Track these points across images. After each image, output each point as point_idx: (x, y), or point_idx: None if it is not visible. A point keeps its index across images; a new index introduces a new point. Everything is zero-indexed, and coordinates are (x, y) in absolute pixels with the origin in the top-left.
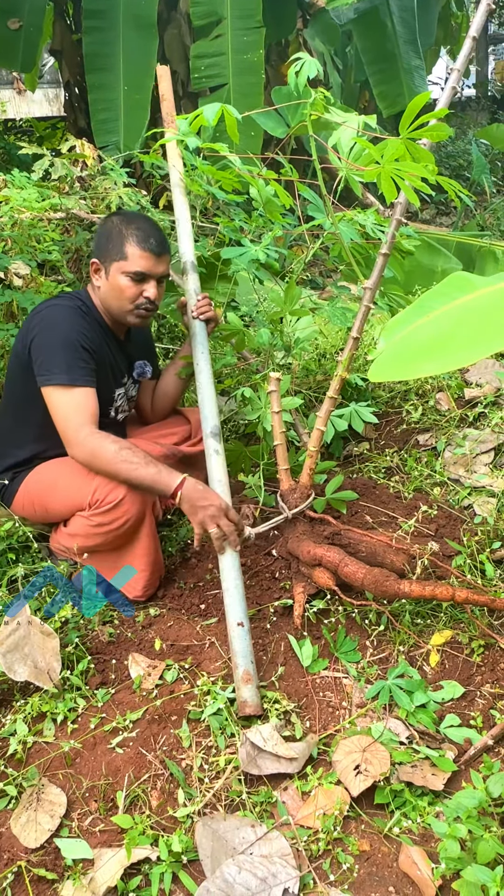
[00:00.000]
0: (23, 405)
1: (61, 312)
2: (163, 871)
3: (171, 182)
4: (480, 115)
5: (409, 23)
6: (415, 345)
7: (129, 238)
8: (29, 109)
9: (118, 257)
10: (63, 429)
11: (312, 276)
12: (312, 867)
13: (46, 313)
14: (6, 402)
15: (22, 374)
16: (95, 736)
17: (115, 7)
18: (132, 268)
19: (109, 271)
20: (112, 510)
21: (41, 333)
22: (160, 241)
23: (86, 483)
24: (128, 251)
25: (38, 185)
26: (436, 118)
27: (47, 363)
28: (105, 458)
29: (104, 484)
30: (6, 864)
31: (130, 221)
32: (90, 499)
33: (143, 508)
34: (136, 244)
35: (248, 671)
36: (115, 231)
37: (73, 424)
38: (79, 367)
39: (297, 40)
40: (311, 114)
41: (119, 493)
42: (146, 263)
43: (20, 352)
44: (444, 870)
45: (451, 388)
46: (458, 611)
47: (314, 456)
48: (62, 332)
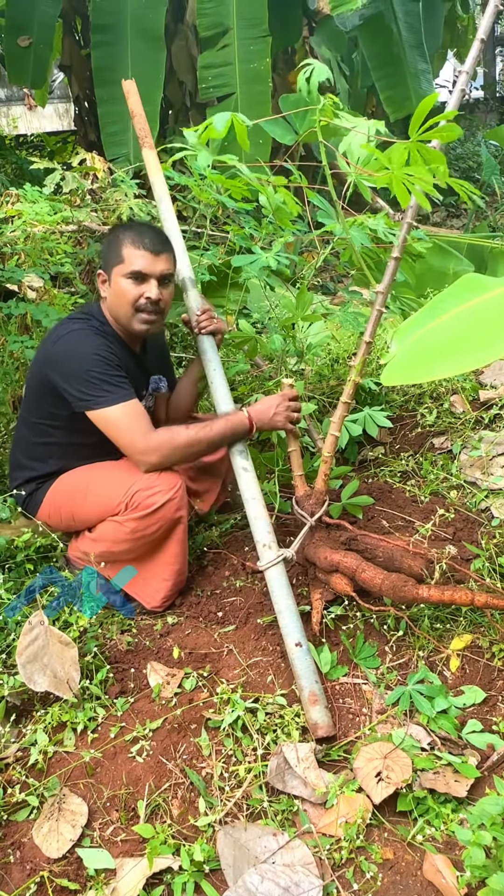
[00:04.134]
0: (45, 424)
1: (80, 336)
2: (185, 881)
3: (156, 197)
4: (489, 116)
5: (415, 27)
6: (428, 347)
7: (125, 241)
8: (40, 124)
9: (116, 261)
10: (127, 443)
11: (323, 282)
12: (336, 876)
13: (67, 340)
14: (25, 417)
15: (43, 396)
16: (115, 745)
17: (123, 21)
18: (129, 268)
19: (111, 278)
20: (150, 515)
21: (68, 362)
22: (156, 240)
23: (120, 488)
24: (124, 253)
25: (50, 199)
26: (445, 120)
27: (86, 389)
28: (183, 443)
29: (143, 489)
30: (29, 874)
31: (128, 228)
32: (127, 501)
33: (180, 515)
34: (131, 244)
35: (314, 692)
36: (114, 239)
37: (138, 434)
38: (117, 384)
39: (303, 48)
40: (320, 120)
41: (158, 498)
42: (142, 262)
43: (41, 376)
44: (470, 878)
45: (465, 390)
46: (478, 615)
47: (329, 461)
48: (88, 355)
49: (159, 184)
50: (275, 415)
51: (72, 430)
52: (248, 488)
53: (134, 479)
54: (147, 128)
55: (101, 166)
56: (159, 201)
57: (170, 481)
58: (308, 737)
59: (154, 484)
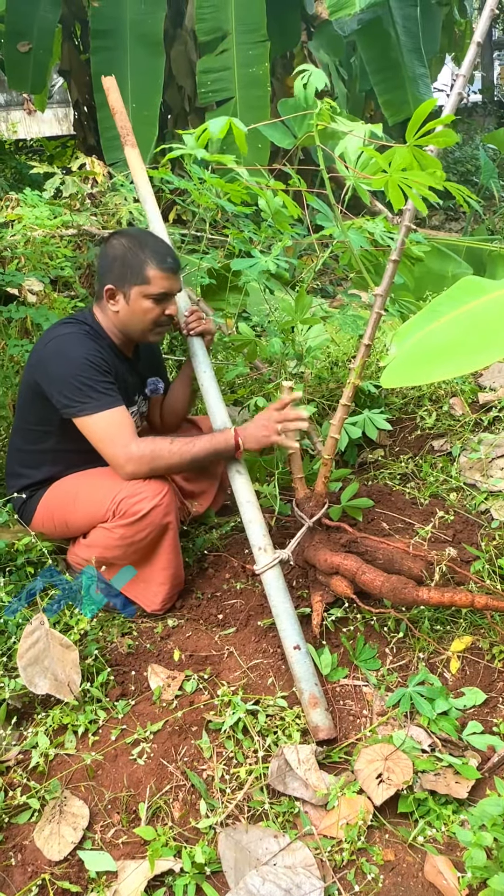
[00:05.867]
0: (38, 430)
1: (71, 340)
2: (186, 883)
3: (140, 197)
4: (487, 119)
5: (413, 31)
6: (427, 350)
7: (148, 261)
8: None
9: (138, 281)
10: (110, 453)
11: (322, 285)
12: (337, 877)
13: (56, 344)
14: (19, 425)
15: (35, 402)
16: (116, 748)
17: (122, 26)
18: (155, 290)
19: (130, 296)
20: (137, 522)
21: (56, 366)
22: (175, 258)
23: (107, 494)
24: (149, 274)
25: (50, 203)
26: (442, 124)
27: (72, 395)
28: (165, 455)
29: (129, 496)
30: (30, 876)
31: (143, 244)
32: (114, 509)
33: (168, 520)
34: (156, 267)
35: (314, 694)
36: (129, 255)
37: (120, 444)
38: (104, 391)
39: (301, 52)
40: (317, 124)
41: (144, 505)
42: (167, 284)
43: (32, 382)
44: (471, 879)
45: (464, 392)
46: (478, 616)
47: (329, 464)
48: (77, 360)
49: (143, 183)
50: (262, 429)
51: (64, 436)
52: (242, 491)
53: (120, 486)
54: (129, 125)
55: (100, 170)
56: (144, 201)
57: (155, 488)
58: (309, 739)
59: (139, 491)
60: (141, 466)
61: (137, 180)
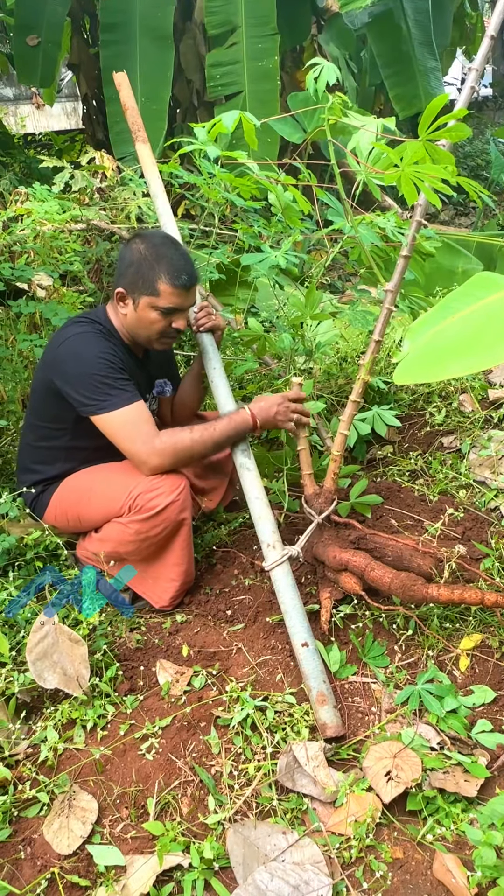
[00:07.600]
0: (51, 428)
1: (85, 339)
2: (195, 878)
3: (152, 193)
4: (498, 114)
5: (424, 24)
6: (441, 346)
7: (161, 274)
8: (48, 123)
9: (148, 292)
10: (133, 450)
11: (332, 281)
12: (345, 875)
13: (71, 344)
14: (31, 421)
15: (48, 400)
16: (125, 742)
17: (132, 20)
18: (164, 304)
19: (138, 304)
20: (153, 517)
21: (72, 366)
22: (191, 274)
23: (122, 489)
24: (160, 288)
25: (59, 198)
26: (455, 119)
27: (90, 394)
28: (188, 444)
29: (146, 491)
30: (39, 870)
31: (160, 254)
32: (130, 504)
33: (183, 517)
34: (169, 282)
35: (322, 692)
36: (144, 264)
37: (141, 441)
38: (121, 387)
39: (311, 46)
40: (328, 118)
41: (161, 500)
42: (177, 300)
43: (47, 381)
44: (480, 878)
45: (474, 389)
46: (488, 614)
47: (338, 460)
48: (92, 358)
49: (154, 179)
50: (276, 413)
51: (77, 433)
52: (251, 487)
53: (136, 481)
54: (140, 121)
55: (109, 165)
56: (155, 197)
57: (172, 483)
58: (317, 735)
59: (157, 486)
60: (165, 459)
61: (149, 176)
